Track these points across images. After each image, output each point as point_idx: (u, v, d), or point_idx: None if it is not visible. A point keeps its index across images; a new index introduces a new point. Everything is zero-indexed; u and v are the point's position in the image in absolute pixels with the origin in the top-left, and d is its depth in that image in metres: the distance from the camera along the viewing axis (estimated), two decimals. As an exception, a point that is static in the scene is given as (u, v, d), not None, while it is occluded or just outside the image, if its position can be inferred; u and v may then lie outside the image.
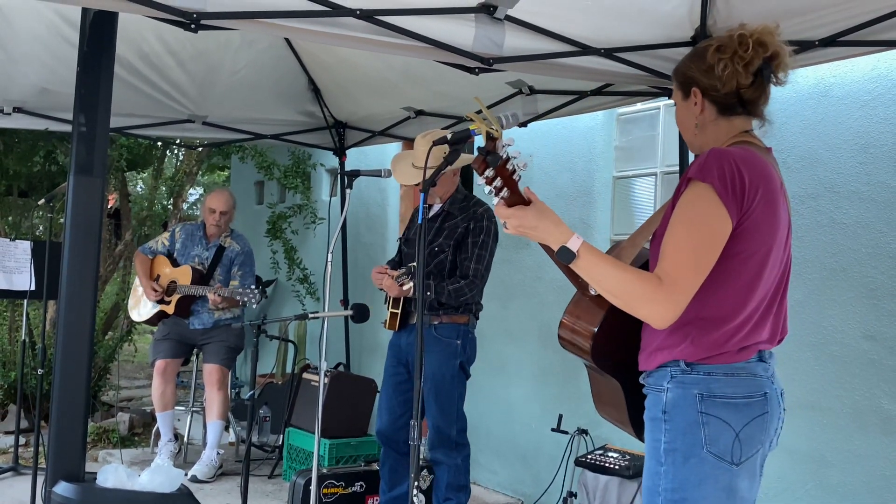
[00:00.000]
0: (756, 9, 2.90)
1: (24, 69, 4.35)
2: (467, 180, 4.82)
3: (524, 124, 4.38)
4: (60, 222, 5.71)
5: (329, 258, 3.48)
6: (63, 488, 2.80)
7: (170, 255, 5.35)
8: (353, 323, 4.66)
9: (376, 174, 3.66)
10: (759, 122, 1.99)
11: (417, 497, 2.22)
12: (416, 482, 2.22)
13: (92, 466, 3.73)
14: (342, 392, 4.76)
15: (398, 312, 3.78)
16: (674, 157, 3.99)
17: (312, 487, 3.52)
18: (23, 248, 5.06)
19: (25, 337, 5.06)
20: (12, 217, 7.55)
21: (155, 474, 2.98)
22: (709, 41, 1.98)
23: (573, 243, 1.78)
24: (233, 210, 5.39)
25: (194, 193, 12.52)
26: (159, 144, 7.13)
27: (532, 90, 4.21)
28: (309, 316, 3.58)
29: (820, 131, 3.63)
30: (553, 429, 4.09)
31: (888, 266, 3.39)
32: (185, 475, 4.43)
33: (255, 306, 4.86)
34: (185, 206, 9.42)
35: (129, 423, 6.37)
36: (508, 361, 5.06)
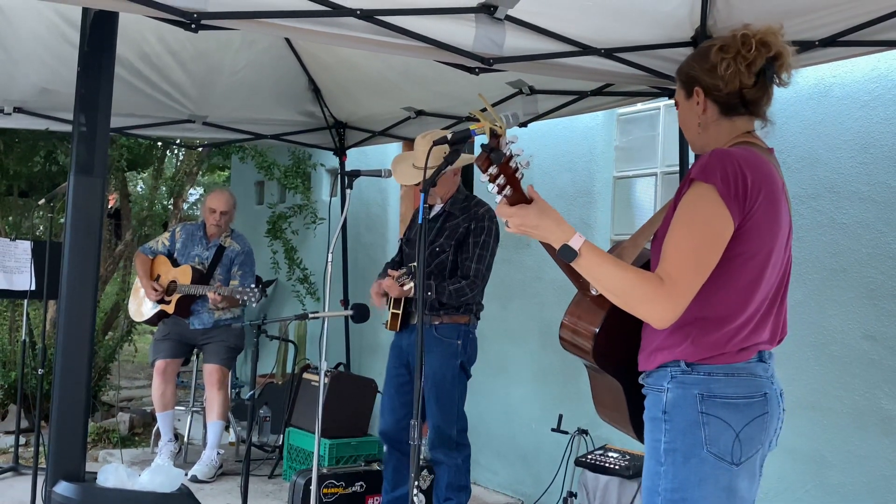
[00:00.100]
0: (756, 9, 2.89)
1: (25, 69, 4.36)
2: (468, 181, 4.82)
3: (524, 124, 4.39)
4: (61, 222, 5.70)
5: (329, 258, 3.48)
6: (63, 488, 2.81)
7: (170, 255, 5.36)
8: (353, 323, 4.66)
9: (376, 174, 3.66)
10: (762, 123, 1.99)
11: (417, 497, 2.22)
12: (417, 482, 2.23)
13: (92, 466, 3.73)
14: (342, 392, 4.76)
15: (399, 313, 3.78)
16: (674, 158, 3.99)
17: (312, 487, 3.52)
18: (23, 248, 5.06)
19: (26, 337, 5.06)
20: (13, 217, 7.55)
21: (155, 474, 2.98)
22: (712, 41, 1.97)
23: (575, 242, 1.77)
24: (233, 210, 5.40)
25: (194, 193, 12.51)
26: (159, 144, 7.13)
27: (532, 90, 4.21)
28: (309, 316, 3.58)
29: (820, 131, 3.63)
30: (553, 429, 4.09)
31: (888, 266, 3.39)
32: (186, 475, 4.43)
33: (255, 305, 4.85)
34: (186, 207, 9.42)
35: (130, 423, 6.37)
36: (509, 362, 5.06)
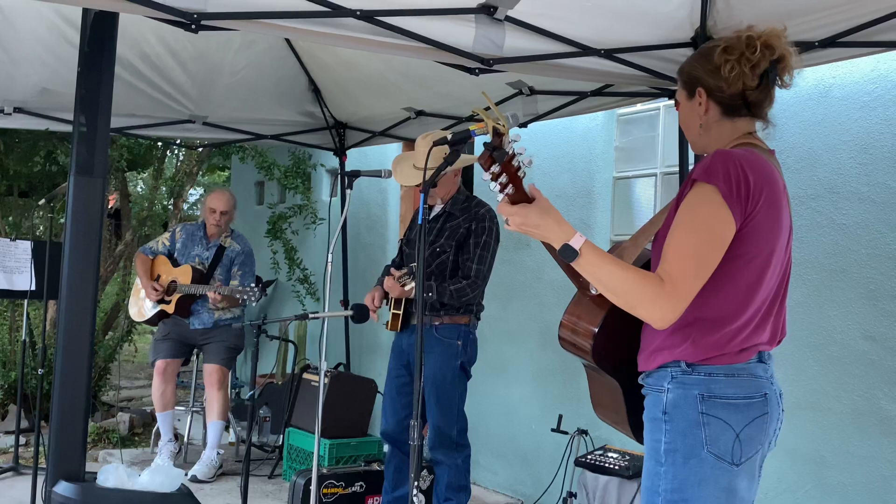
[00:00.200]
0: (756, 10, 2.89)
1: (25, 69, 4.36)
2: (468, 181, 4.82)
3: (524, 125, 4.39)
4: (61, 222, 5.70)
5: (329, 258, 3.49)
6: (63, 488, 2.81)
7: (170, 256, 5.36)
8: (353, 323, 4.66)
9: (376, 175, 3.66)
10: (763, 125, 1.99)
11: (417, 497, 2.23)
12: (416, 482, 2.23)
13: (92, 466, 3.73)
14: (342, 392, 4.76)
15: (400, 313, 3.79)
16: (674, 158, 3.99)
17: (312, 487, 3.52)
18: (23, 248, 5.07)
19: (26, 337, 5.06)
20: (13, 217, 7.56)
21: (155, 474, 2.99)
22: (715, 42, 1.96)
23: (576, 241, 1.77)
24: (233, 210, 5.40)
25: (195, 194, 12.51)
26: (160, 145, 7.13)
27: (532, 91, 4.21)
28: (309, 316, 3.58)
29: (820, 132, 3.63)
30: (553, 429, 4.09)
31: (888, 267, 3.39)
32: (185, 475, 4.43)
33: (255, 304, 4.86)
34: (186, 207, 9.42)
35: (130, 423, 6.37)
36: (508, 362, 5.06)
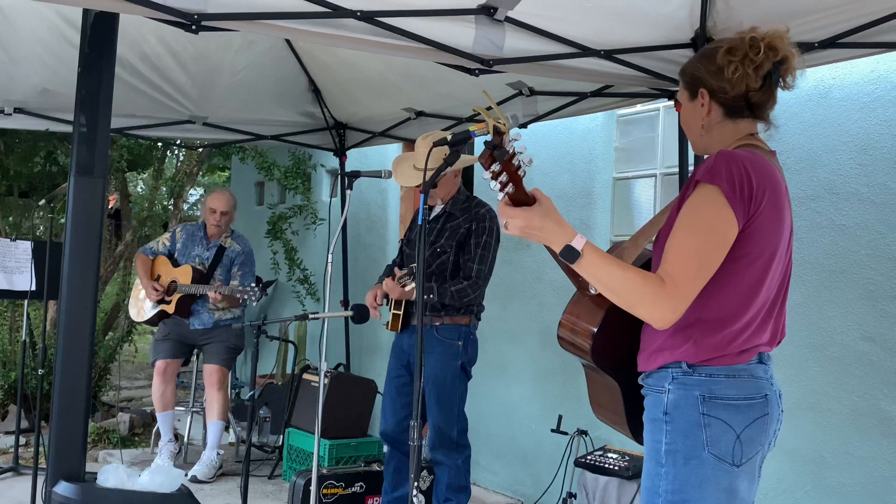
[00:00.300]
0: (756, 11, 2.89)
1: (26, 70, 4.36)
2: (468, 181, 4.82)
3: (524, 125, 4.39)
4: (61, 223, 5.71)
5: (329, 259, 3.49)
6: (63, 488, 2.81)
7: (170, 256, 5.36)
8: (353, 323, 4.66)
9: (377, 175, 3.66)
10: (765, 126, 1.99)
11: (417, 497, 2.23)
12: (416, 483, 2.23)
13: (92, 467, 3.73)
14: (342, 393, 4.77)
15: (400, 314, 3.79)
16: (673, 159, 3.99)
17: (312, 488, 3.53)
18: (23, 249, 5.07)
19: (26, 337, 5.06)
20: (13, 217, 7.56)
21: (155, 474, 2.99)
22: (718, 43, 1.96)
23: (577, 242, 1.76)
24: (233, 210, 5.41)
25: (195, 194, 12.51)
26: (160, 145, 7.13)
27: (532, 91, 4.20)
28: (309, 316, 3.58)
29: (819, 133, 3.63)
30: (553, 429, 4.09)
31: (887, 268, 3.39)
32: (185, 475, 4.44)
33: (255, 304, 4.86)
34: (186, 207, 9.43)
35: (130, 424, 6.37)
36: (508, 362, 5.06)
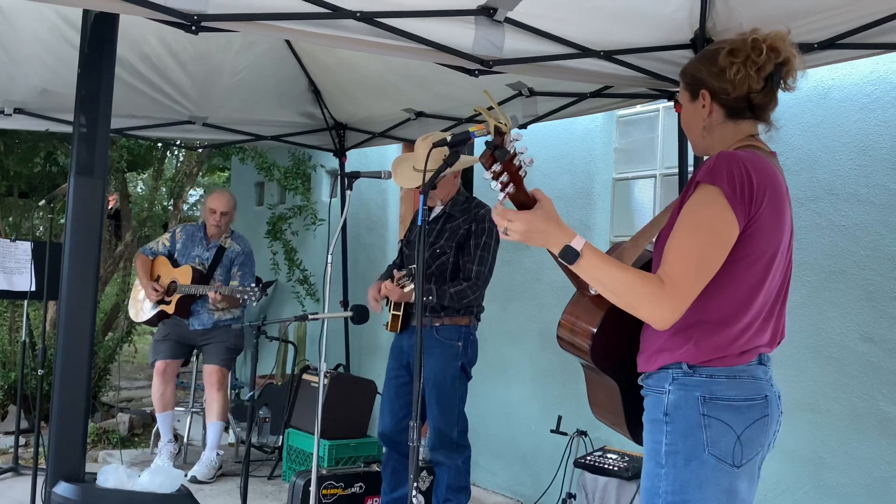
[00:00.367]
0: (755, 12, 2.89)
1: (26, 70, 4.36)
2: (468, 182, 4.82)
3: (524, 126, 4.39)
4: (61, 223, 5.71)
5: (329, 259, 3.49)
6: (63, 489, 2.81)
7: (170, 256, 5.37)
8: (353, 324, 4.66)
9: (376, 176, 3.67)
10: (766, 127, 1.99)
11: (417, 498, 2.23)
12: (416, 483, 2.23)
13: (92, 467, 3.73)
14: (342, 393, 4.77)
15: (399, 314, 3.79)
16: (673, 160, 3.99)
17: (312, 488, 3.53)
18: (23, 249, 5.07)
19: (26, 337, 5.06)
20: (13, 218, 7.56)
21: (155, 475, 2.99)
22: (720, 44, 1.95)
23: (576, 243, 1.76)
24: (233, 211, 5.41)
25: (194, 194, 12.53)
26: (160, 145, 7.13)
27: (532, 92, 4.20)
28: (309, 317, 3.58)
29: (819, 134, 3.63)
30: (552, 430, 4.09)
31: (887, 268, 3.39)
32: (185, 476, 4.44)
33: (255, 304, 4.86)
34: (186, 207, 9.43)
35: (129, 424, 6.37)
36: (508, 363, 5.06)
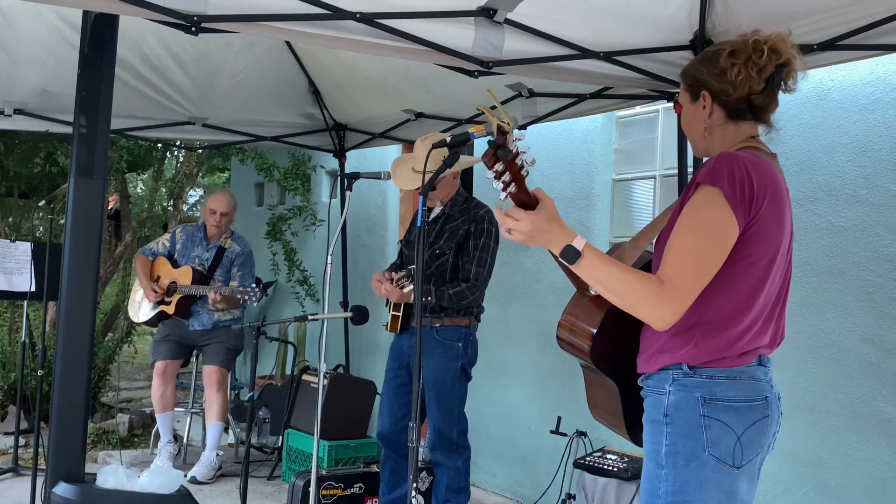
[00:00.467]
0: (755, 13, 2.89)
1: (26, 71, 4.37)
2: (467, 183, 4.82)
3: (524, 127, 4.39)
4: (61, 224, 5.71)
5: (329, 260, 3.49)
6: (63, 489, 2.81)
7: (170, 257, 5.37)
8: (353, 325, 4.67)
9: (376, 177, 3.67)
10: (766, 128, 2.00)
11: (416, 498, 2.23)
12: (415, 484, 2.23)
13: (91, 467, 3.73)
14: (341, 394, 4.77)
15: (399, 315, 3.79)
16: (673, 161, 4.00)
17: (311, 489, 3.53)
18: (23, 250, 5.07)
19: (25, 338, 5.06)
20: (13, 218, 7.56)
21: (154, 475, 2.99)
22: (721, 45, 1.96)
23: (577, 243, 1.77)
24: (233, 211, 5.41)
25: (194, 195, 12.53)
26: (159, 146, 7.13)
27: (531, 93, 4.21)
28: (308, 318, 3.59)
29: (818, 135, 3.63)
30: (552, 431, 4.09)
31: (886, 269, 3.39)
32: (185, 476, 4.44)
33: (256, 305, 4.87)
34: (186, 208, 9.43)
35: (129, 425, 6.37)
36: (508, 363, 5.06)
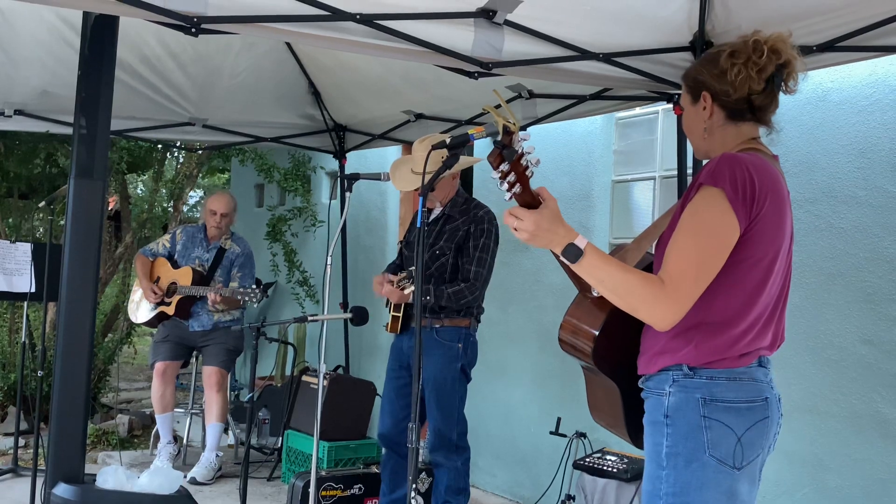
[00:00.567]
0: (754, 14, 2.89)
1: (26, 72, 4.37)
2: (467, 183, 4.83)
3: (523, 128, 4.40)
4: (61, 224, 5.71)
5: (329, 261, 3.50)
6: (62, 490, 2.81)
7: (170, 258, 5.37)
8: (353, 325, 4.67)
9: (376, 178, 3.68)
10: (767, 130, 2.00)
11: (416, 499, 2.23)
12: (415, 484, 2.24)
13: (91, 468, 3.72)
14: (341, 394, 4.77)
15: (399, 316, 3.79)
16: (672, 162, 4.00)
17: (311, 490, 3.53)
18: (23, 250, 5.07)
19: (25, 339, 5.06)
20: (13, 219, 7.55)
21: (154, 476, 2.99)
22: (721, 46, 1.96)
23: (579, 242, 1.77)
24: (233, 212, 5.41)
25: (194, 196, 12.52)
26: (160, 147, 7.13)
27: (531, 94, 4.21)
28: (308, 318, 3.59)
29: (818, 136, 3.64)
30: (552, 432, 4.10)
31: (885, 270, 3.39)
32: (185, 477, 4.44)
33: (256, 305, 4.87)
34: (186, 209, 9.43)
35: (129, 425, 6.37)
36: (508, 364, 5.07)
